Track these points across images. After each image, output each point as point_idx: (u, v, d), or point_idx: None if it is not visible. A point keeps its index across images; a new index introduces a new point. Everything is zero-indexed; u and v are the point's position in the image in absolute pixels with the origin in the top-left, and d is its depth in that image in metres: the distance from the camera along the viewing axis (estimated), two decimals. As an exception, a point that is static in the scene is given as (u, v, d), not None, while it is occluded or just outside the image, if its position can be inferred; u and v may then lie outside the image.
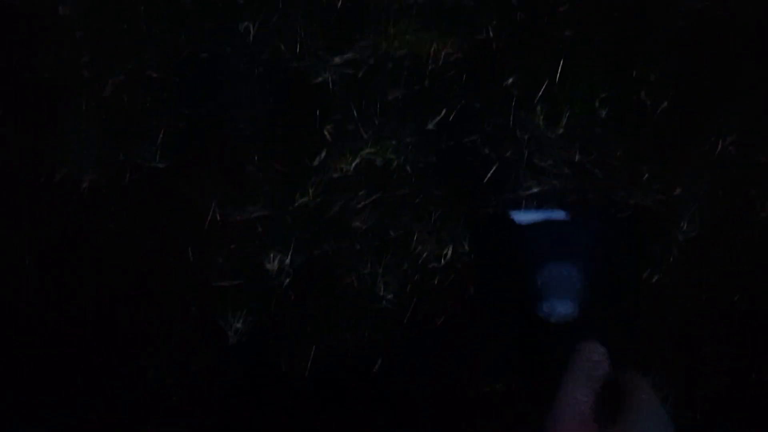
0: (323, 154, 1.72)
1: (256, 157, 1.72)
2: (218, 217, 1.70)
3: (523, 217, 1.45)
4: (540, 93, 1.77)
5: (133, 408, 1.58)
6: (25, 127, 1.69)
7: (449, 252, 1.67)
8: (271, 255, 1.67)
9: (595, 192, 1.72)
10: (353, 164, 1.71)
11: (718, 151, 1.72)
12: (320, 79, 1.76)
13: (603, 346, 0.78)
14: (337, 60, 1.77)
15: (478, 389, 1.61)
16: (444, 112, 1.76)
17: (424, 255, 1.66)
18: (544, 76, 1.78)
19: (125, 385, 1.59)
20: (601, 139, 1.74)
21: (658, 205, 1.68)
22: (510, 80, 1.77)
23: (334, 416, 1.60)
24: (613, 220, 1.57)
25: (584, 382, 0.68)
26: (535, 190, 1.71)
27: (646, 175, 1.71)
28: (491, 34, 1.80)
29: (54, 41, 1.75)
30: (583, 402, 0.65)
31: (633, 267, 1.52)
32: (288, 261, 1.66)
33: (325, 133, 1.73)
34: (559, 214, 1.48)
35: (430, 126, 1.75)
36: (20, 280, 1.62)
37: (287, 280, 1.66)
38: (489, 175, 1.73)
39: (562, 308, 1.23)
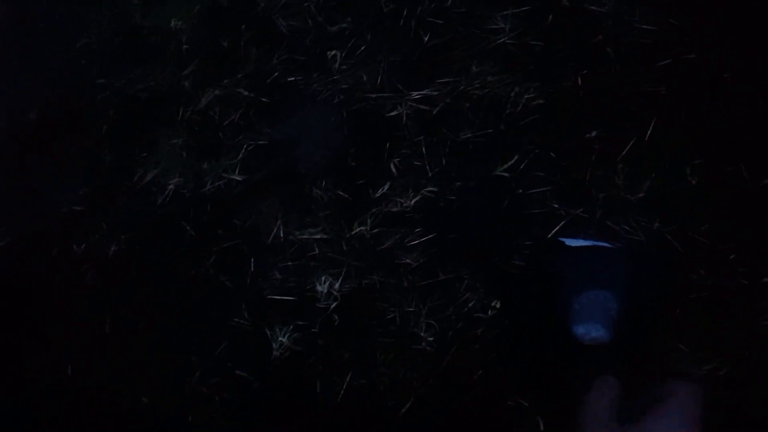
0: (386, 187, 1.58)
1: (323, 182, 1.63)
2: (281, 234, 1.62)
3: (572, 241, 1.38)
4: (625, 151, 1.51)
5: (175, 401, 1.55)
6: (127, 130, 1.72)
7: (498, 305, 1.47)
8: (323, 278, 1.57)
9: (672, 265, 1.44)
10: (414, 201, 1.56)
11: (826, 242, 1.36)
12: (395, 112, 1.63)
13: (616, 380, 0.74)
14: (414, 95, 1.62)
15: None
16: (515, 159, 1.55)
17: (471, 303, 1.48)
18: (631, 133, 1.51)
19: (172, 378, 1.57)
20: (687, 209, 1.44)
21: (741, 290, 1.37)
22: (593, 133, 1.54)
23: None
24: (654, 256, 1.41)
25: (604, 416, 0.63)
26: (602, 254, 1.46)
27: (733, 256, 1.40)
28: (580, 82, 1.56)
29: (163, 53, 1.76)
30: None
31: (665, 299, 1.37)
32: (337, 286, 1.56)
33: (392, 166, 1.60)
34: (604, 244, 1.40)
35: (499, 172, 1.55)
36: (103, 268, 1.64)
37: (334, 304, 1.56)
38: (554, 231, 1.51)
39: (595, 332, 1.22)
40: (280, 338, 1.59)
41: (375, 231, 1.59)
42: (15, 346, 1.65)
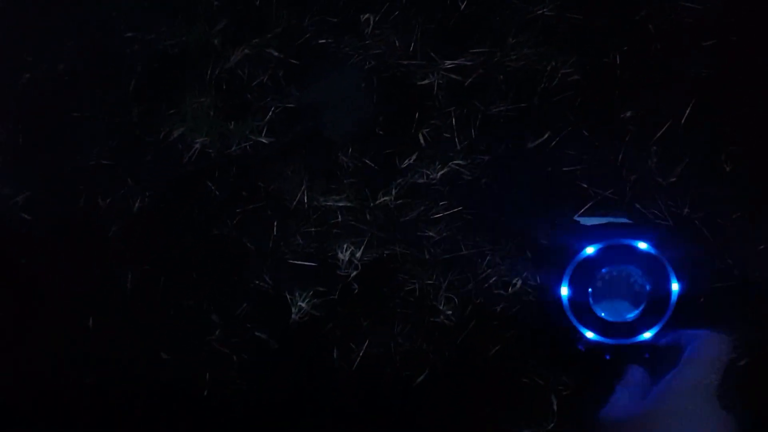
0: (413, 158, 1.56)
1: (350, 149, 1.61)
2: (305, 199, 1.61)
3: (588, 220, 1.34)
4: (660, 133, 1.47)
5: (193, 358, 1.57)
6: (155, 85, 1.70)
7: (519, 283, 1.46)
8: (345, 246, 1.56)
9: (698, 252, 1.41)
10: (440, 173, 1.53)
11: None
12: (426, 81, 1.59)
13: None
14: (447, 64, 1.58)
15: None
16: (547, 135, 1.52)
17: (492, 280, 1.47)
18: (668, 115, 1.47)
19: (191, 336, 1.58)
20: (719, 196, 1.41)
21: (767, 283, 1.34)
22: (628, 113, 1.49)
23: (366, 416, 1.49)
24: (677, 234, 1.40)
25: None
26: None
27: (762, 247, 1.37)
28: (618, 60, 1.51)
29: (194, 8, 1.72)
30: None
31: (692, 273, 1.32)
32: (359, 255, 1.55)
33: (420, 136, 1.57)
34: (622, 219, 1.36)
35: (529, 147, 1.52)
36: (127, 223, 1.65)
37: (354, 273, 1.55)
38: (581, 211, 1.48)
39: (621, 308, 1.16)
40: (299, 303, 1.59)
41: (399, 202, 1.57)
42: (36, 297, 1.66)
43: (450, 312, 1.51)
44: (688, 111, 1.46)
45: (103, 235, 1.66)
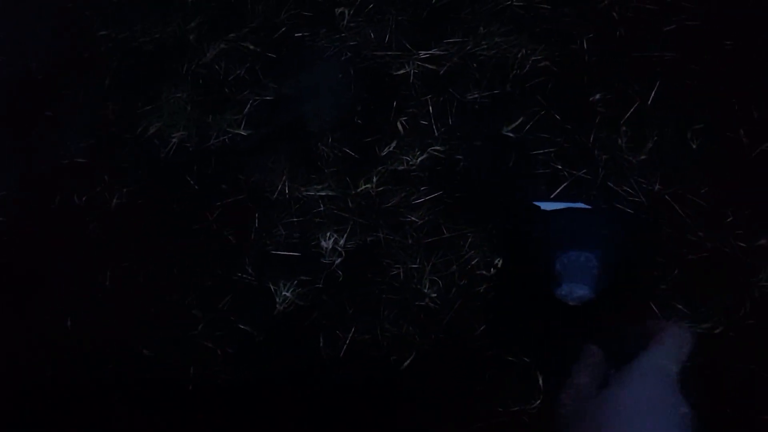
0: (393, 145, 1.57)
1: (330, 139, 1.61)
2: (286, 190, 1.60)
3: (549, 205, 1.33)
4: (628, 114, 1.51)
5: (177, 354, 1.53)
6: (130, 82, 1.67)
7: (501, 263, 1.48)
8: (328, 234, 1.56)
9: (670, 227, 1.45)
10: (420, 159, 1.55)
11: (820, 205, 1.39)
12: (402, 71, 1.61)
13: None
14: (421, 54, 1.60)
15: (505, 408, 1.42)
16: (521, 120, 1.55)
17: (474, 261, 1.48)
18: (635, 96, 1.52)
19: (174, 331, 1.55)
20: (687, 172, 1.46)
21: (737, 252, 1.39)
22: (597, 96, 1.54)
23: (355, 402, 1.47)
24: (632, 214, 1.42)
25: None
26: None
27: (730, 219, 1.42)
28: (585, 46, 1.56)
29: (168, 5, 1.71)
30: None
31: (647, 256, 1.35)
32: (342, 242, 1.55)
33: (399, 125, 1.58)
34: (581, 205, 1.36)
35: (504, 132, 1.55)
36: (105, 220, 1.61)
37: (338, 260, 1.54)
38: (557, 191, 1.51)
39: (579, 291, 1.13)
40: (283, 293, 1.58)
41: (381, 189, 1.58)
42: (14, 297, 1.61)
43: (435, 295, 1.52)
44: (653, 92, 1.51)
45: (80, 233, 1.62)
